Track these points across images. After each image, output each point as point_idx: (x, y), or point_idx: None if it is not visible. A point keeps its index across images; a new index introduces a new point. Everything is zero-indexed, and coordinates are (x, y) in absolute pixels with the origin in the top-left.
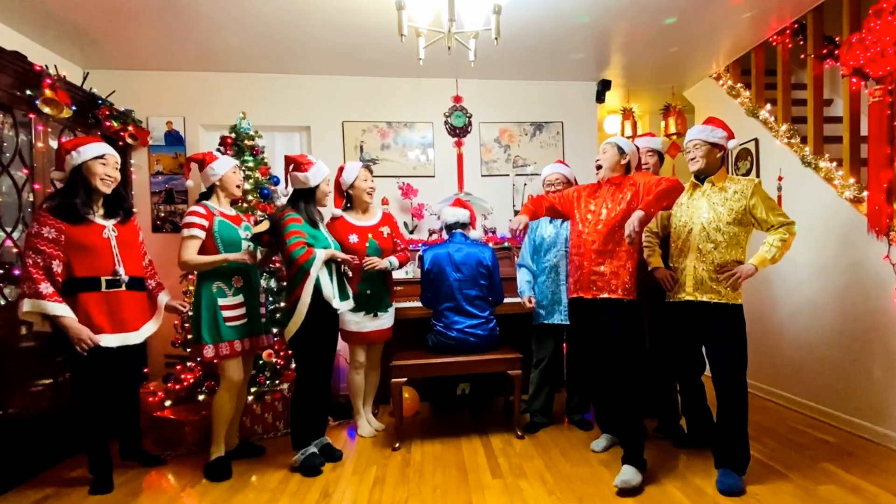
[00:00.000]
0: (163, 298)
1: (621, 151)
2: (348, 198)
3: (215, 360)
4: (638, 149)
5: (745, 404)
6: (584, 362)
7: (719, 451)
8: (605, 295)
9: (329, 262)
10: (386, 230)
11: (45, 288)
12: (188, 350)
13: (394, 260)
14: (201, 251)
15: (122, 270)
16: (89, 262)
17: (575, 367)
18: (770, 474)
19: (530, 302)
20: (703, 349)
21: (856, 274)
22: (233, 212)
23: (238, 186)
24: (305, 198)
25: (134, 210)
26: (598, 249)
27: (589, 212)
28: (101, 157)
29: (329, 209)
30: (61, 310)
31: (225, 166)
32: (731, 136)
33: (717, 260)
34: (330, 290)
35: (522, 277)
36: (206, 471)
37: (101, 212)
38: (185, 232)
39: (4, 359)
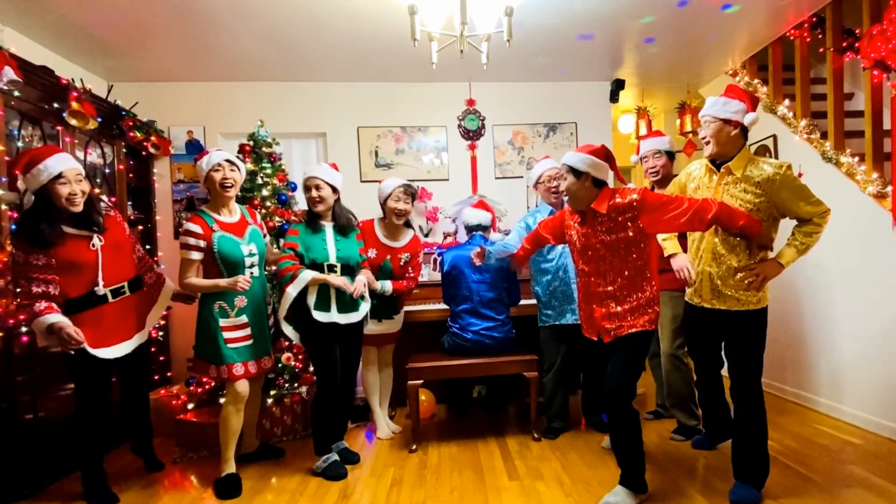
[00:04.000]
0: (170, 285)
1: (577, 174)
2: (384, 210)
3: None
4: (609, 158)
5: (763, 413)
6: (601, 367)
7: (737, 463)
8: (623, 333)
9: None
10: (405, 257)
11: (38, 306)
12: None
13: (387, 285)
14: (204, 269)
15: (100, 282)
16: (80, 281)
17: (591, 369)
18: (794, 477)
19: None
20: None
21: (880, 271)
22: (236, 215)
23: (225, 186)
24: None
25: (109, 210)
26: (607, 292)
27: (582, 245)
28: (59, 176)
29: (362, 210)
30: (53, 318)
31: (208, 164)
32: (750, 107)
33: (735, 264)
34: (312, 303)
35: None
36: (216, 487)
37: (72, 224)
38: (182, 254)
39: (34, 364)
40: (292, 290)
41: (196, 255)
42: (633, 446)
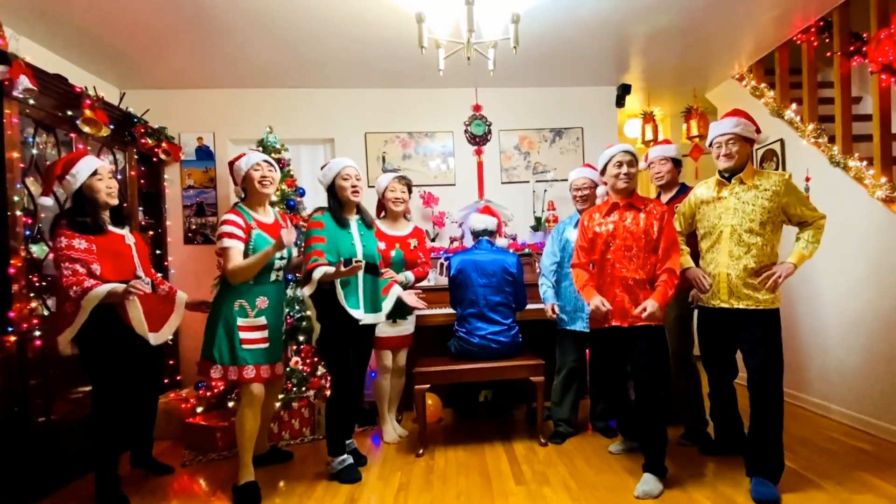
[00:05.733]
0: (182, 296)
1: (637, 164)
2: (383, 207)
3: (221, 384)
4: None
5: (781, 410)
6: (608, 375)
7: (752, 458)
8: (641, 323)
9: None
10: (413, 242)
11: (88, 282)
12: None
13: (409, 275)
14: None
15: (140, 274)
16: (119, 269)
17: (598, 375)
18: (804, 484)
19: (553, 311)
20: (737, 354)
21: (889, 276)
22: (271, 217)
23: (263, 184)
24: (331, 197)
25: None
26: (630, 277)
27: (608, 234)
28: (95, 172)
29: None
30: (107, 287)
31: (247, 163)
32: (758, 129)
33: (752, 265)
34: (342, 298)
35: (546, 284)
36: (235, 495)
37: (110, 222)
38: (225, 242)
39: (47, 367)
40: (308, 291)
41: (238, 244)
42: (662, 431)
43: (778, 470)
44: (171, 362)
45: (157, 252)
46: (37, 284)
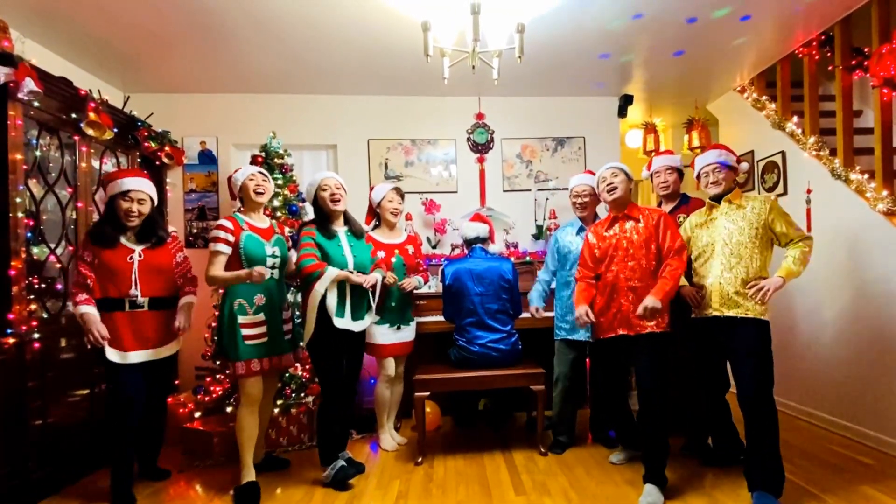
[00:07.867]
0: (182, 301)
1: (629, 178)
2: (378, 216)
3: (220, 388)
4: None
5: (776, 422)
6: (606, 385)
7: (753, 474)
8: (647, 331)
9: (342, 281)
10: (410, 248)
11: (79, 296)
12: (217, 363)
13: (420, 279)
14: (228, 266)
15: (134, 292)
16: (115, 284)
17: (599, 385)
18: (806, 497)
19: (537, 312)
20: (728, 367)
21: (890, 288)
22: (266, 223)
23: (258, 193)
24: (317, 211)
25: (170, 234)
26: (635, 286)
27: (611, 247)
28: (125, 194)
29: (359, 215)
30: (84, 308)
31: (243, 174)
32: (739, 160)
33: (743, 275)
34: (333, 306)
35: (537, 289)
36: (236, 495)
37: (133, 238)
38: (211, 246)
39: (46, 369)
40: (320, 287)
41: (224, 249)
42: (664, 442)
43: (779, 483)
44: None
45: None
46: (37, 287)
